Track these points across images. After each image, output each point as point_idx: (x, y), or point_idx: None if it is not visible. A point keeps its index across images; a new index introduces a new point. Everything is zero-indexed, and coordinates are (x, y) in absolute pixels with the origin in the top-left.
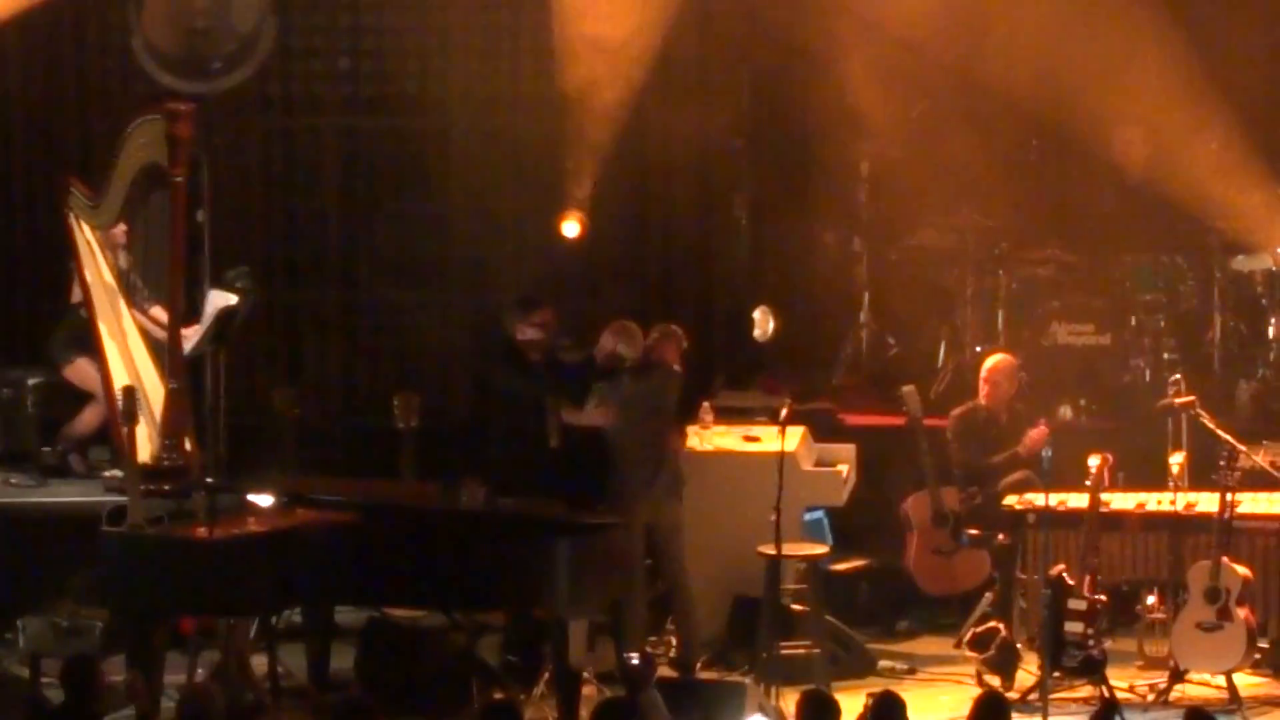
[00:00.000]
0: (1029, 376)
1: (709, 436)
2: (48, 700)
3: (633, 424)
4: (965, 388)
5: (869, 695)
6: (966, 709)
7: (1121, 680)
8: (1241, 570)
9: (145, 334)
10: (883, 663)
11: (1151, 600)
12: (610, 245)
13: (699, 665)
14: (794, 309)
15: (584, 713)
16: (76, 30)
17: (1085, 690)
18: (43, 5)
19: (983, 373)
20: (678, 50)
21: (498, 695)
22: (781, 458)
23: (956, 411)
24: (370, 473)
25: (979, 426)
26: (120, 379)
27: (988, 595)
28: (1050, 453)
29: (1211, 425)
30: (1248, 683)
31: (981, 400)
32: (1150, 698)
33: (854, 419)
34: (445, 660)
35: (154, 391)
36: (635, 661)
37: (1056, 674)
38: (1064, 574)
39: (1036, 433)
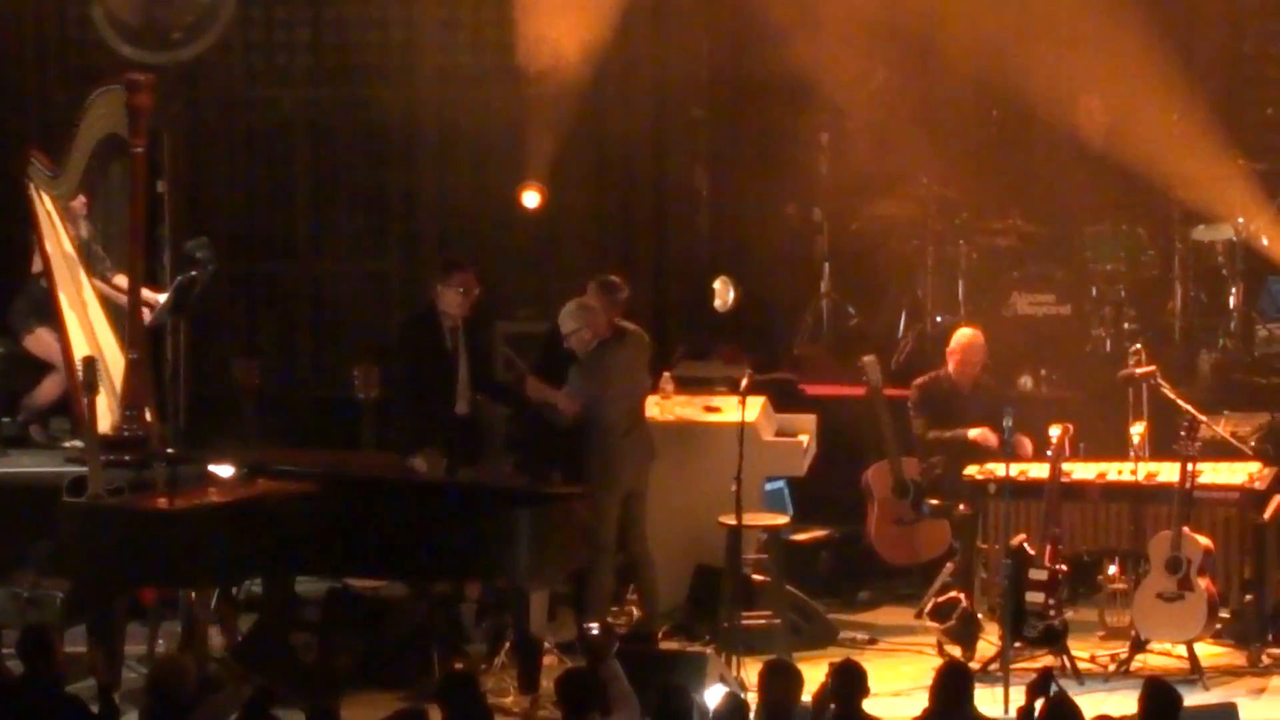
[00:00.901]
0: (990, 347)
1: (669, 406)
2: (9, 671)
3: (618, 395)
4: (926, 358)
5: (830, 665)
6: (928, 679)
7: (1083, 650)
8: (1202, 540)
9: (106, 304)
10: (844, 633)
11: (1113, 570)
12: (570, 216)
13: (660, 635)
14: (754, 279)
15: (545, 683)
16: (36, 0)
17: (1046, 660)
18: None
19: (951, 344)
20: (637, 21)
21: (458, 665)
22: (742, 428)
23: (919, 381)
24: (330, 444)
25: (940, 396)
26: (80, 349)
27: (949, 565)
28: (1011, 423)
29: (1172, 395)
30: (1208, 653)
31: (948, 371)
32: (1111, 668)
33: (815, 389)
34: (405, 631)
35: (114, 362)
36: (595, 632)
37: (1018, 644)
38: (1025, 544)
39: (984, 437)
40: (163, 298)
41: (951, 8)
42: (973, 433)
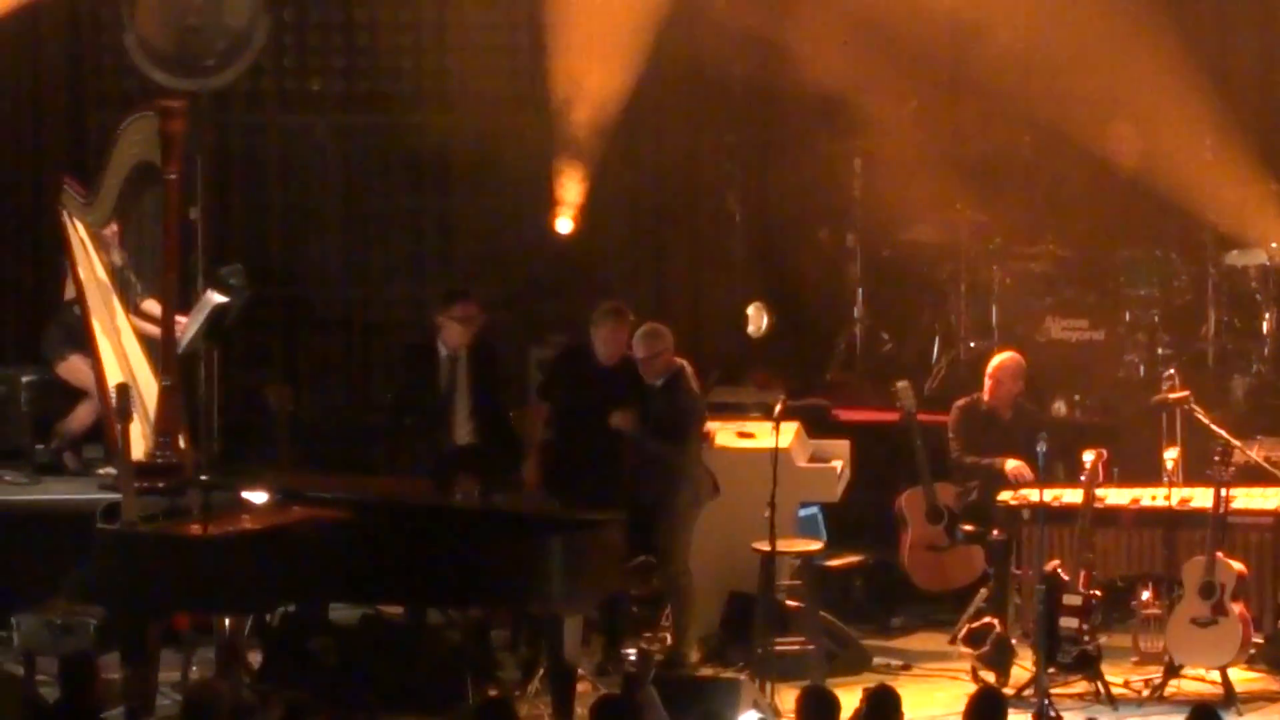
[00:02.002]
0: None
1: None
2: (43, 698)
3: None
4: (959, 383)
5: (865, 690)
6: (962, 705)
7: (1116, 675)
8: (1236, 565)
9: (139, 331)
10: (878, 659)
11: (1146, 595)
12: (604, 241)
13: (696, 661)
14: (788, 305)
15: (579, 709)
16: (69, 27)
17: (1080, 686)
18: (35, 2)
19: (989, 369)
20: (671, 46)
21: (492, 692)
22: (776, 454)
23: (958, 403)
24: (364, 470)
25: (978, 421)
26: (114, 376)
27: (982, 591)
28: (1045, 448)
29: (1206, 420)
30: (1242, 678)
31: (985, 396)
32: (1145, 693)
33: (848, 415)
34: (439, 657)
35: (148, 388)
36: (632, 658)
37: (1051, 669)
38: (1059, 569)
39: (1018, 471)
40: (190, 320)
41: (984, 33)
42: (1008, 466)
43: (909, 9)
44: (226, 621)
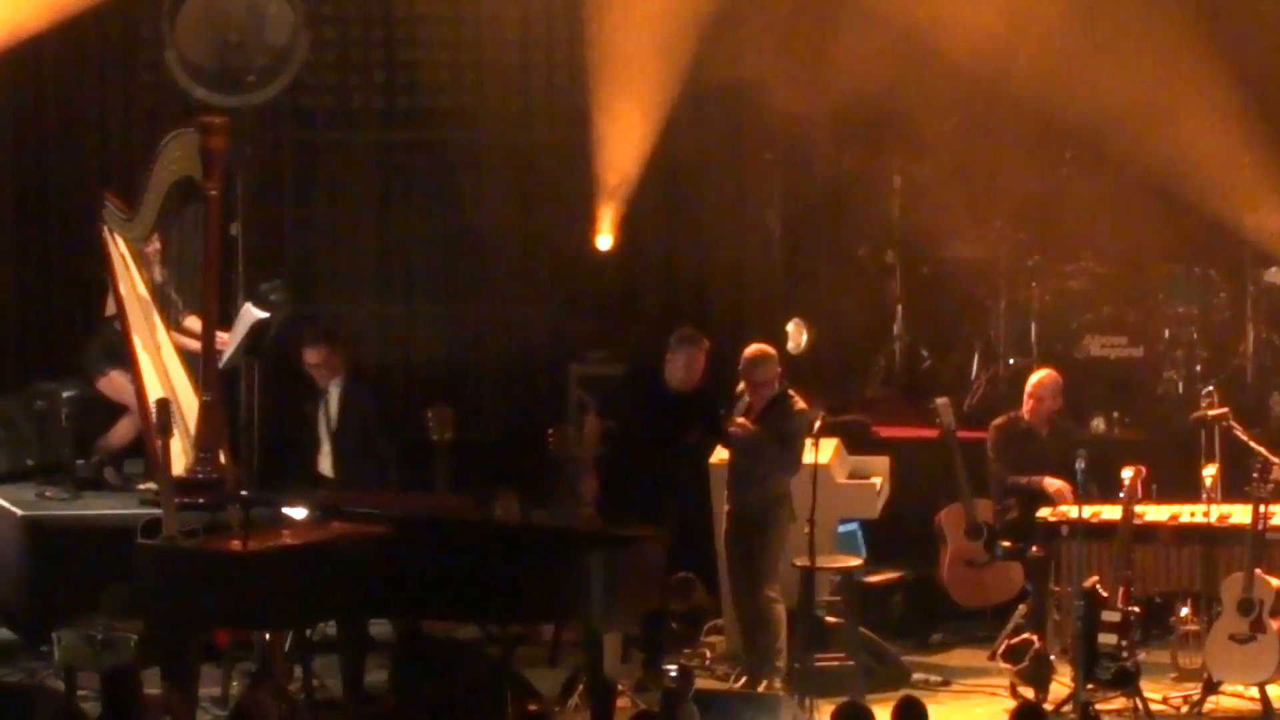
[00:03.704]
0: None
1: None
2: (84, 713)
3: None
4: (998, 400)
5: (894, 704)
6: None
7: (1155, 692)
8: (1275, 582)
9: (179, 347)
10: (917, 675)
11: (1185, 612)
12: (643, 258)
13: (732, 678)
14: (827, 321)
15: None
16: (110, 44)
17: (1119, 702)
18: (76, 18)
19: (1028, 386)
20: (710, 63)
21: (532, 708)
22: (815, 470)
23: (997, 422)
24: (404, 485)
25: (1017, 439)
26: (154, 392)
27: (1021, 607)
28: (1084, 465)
29: (1244, 437)
30: None
31: (1024, 413)
32: (1184, 709)
33: (888, 431)
34: (480, 673)
35: (188, 404)
36: (673, 674)
37: (1090, 686)
38: (1097, 586)
39: (1060, 493)
40: (226, 337)
41: (1023, 51)
42: (1051, 486)
43: (948, 26)
44: (265, 637)
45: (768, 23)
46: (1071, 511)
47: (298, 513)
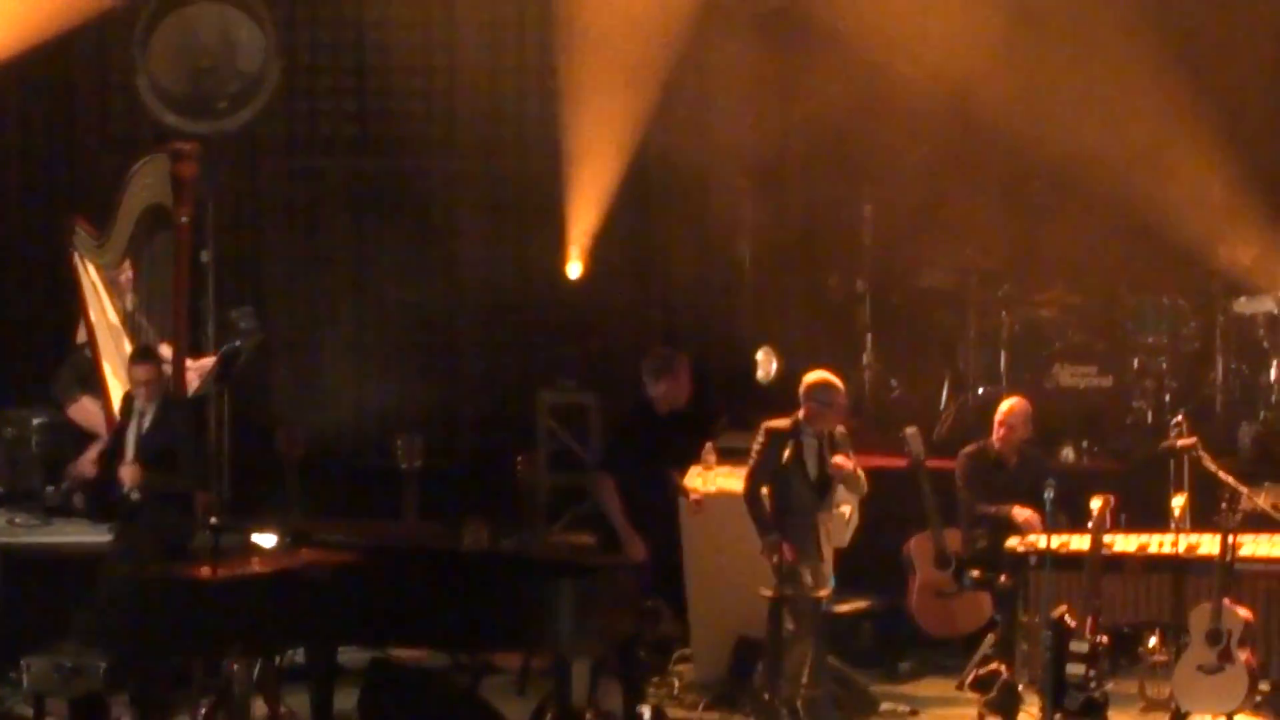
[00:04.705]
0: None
1: (712, 477)
2: None
3: None
4: (968, 429)
5: None
6: None
7: None
8: (1243, 612)
9: None
10: (885, 704)
11: (1153, 642)
12: (614, 287)
13: (701, 708)
14: (797, 350)
15: None
16: (83, 69)
17: None
18: (48, 44)
19: (998, 415)
20: (680, 92)
21: None
22: None
23: (966, 450)
24: (374, 513)
25: (986, 468)
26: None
27: (990, 637)
28: (1052, 494)
29: (1213, 467)
30: None
31: (994, 442)
32: None
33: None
34: (448, 701)
35: None
36: (646, 716)
37: (1058, 716)
38: (1066, 616)
39: (1029, 522)
40: (205, 362)
41: (994, 80)
42: (1019, 516)
43: (920, 56)
44: (233, 664)
45: (739, 50)
46: (1040, 541)
47: (267, 540)
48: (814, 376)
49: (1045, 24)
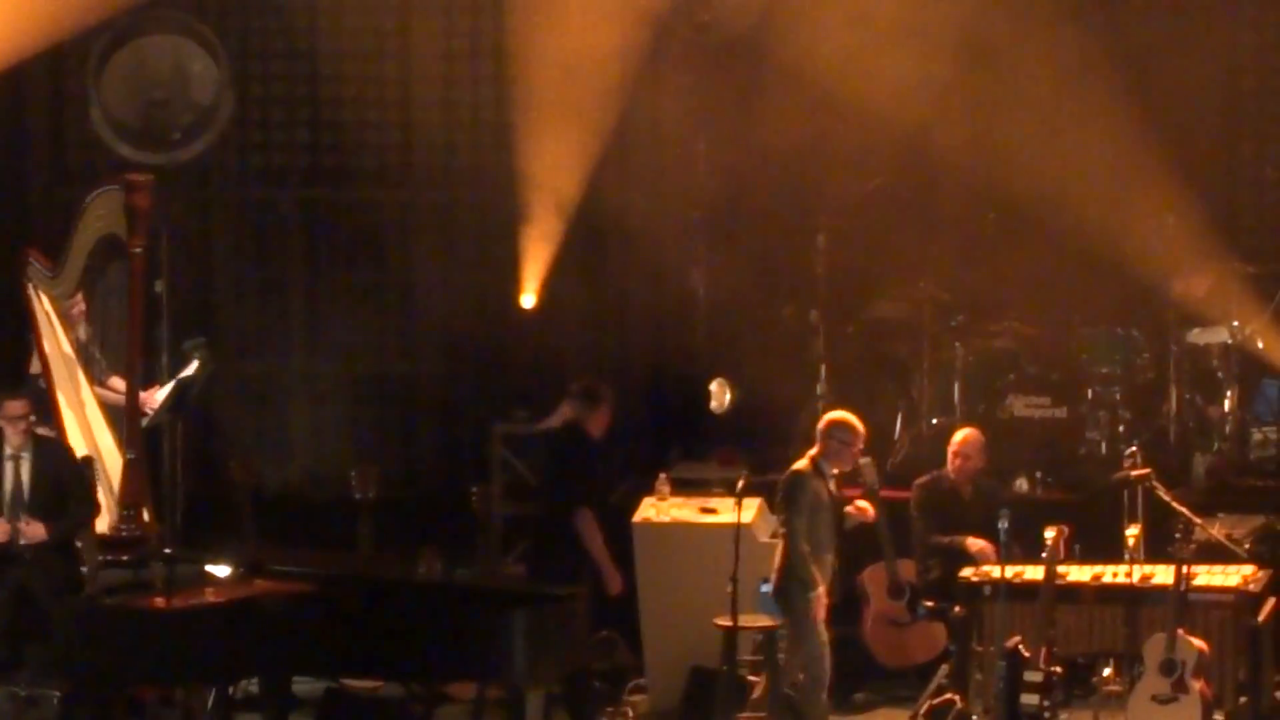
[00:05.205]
0: (986, 449)
1: (666, 508)
2: None
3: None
4: (922, 460)
5: None
6: None
7: None
8: (1197, 643)
9: (103, 405)
10: None
11: (1107, 672)
12: (567, 317)
13: None
14: (751, 381)
15: None
16: (35, 101)
17: None
18: (0, 75)
19: (952, 445)
20: (634, 124)
21: None
22: (738, 529)
23: (921, 480)
24: (328, 544)
25: (941, 498)
26: (79, 449)
27: (944, 667)
28: (1007, 525)
29: (1167, 498)
30: None
31: (948, 472)
32: None
33: None
34: None
35: (112, 462)
36: None
37: None
38: (1020, 646)
39: (983, 553)
40: (160, 393)
41: (948, 113)
42: (973, 547)
43: (874, 88)
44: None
45: (693, 82)
46: (994, 571)
47: (221, 570)
48: (835, 415)
49: (998, 59)
